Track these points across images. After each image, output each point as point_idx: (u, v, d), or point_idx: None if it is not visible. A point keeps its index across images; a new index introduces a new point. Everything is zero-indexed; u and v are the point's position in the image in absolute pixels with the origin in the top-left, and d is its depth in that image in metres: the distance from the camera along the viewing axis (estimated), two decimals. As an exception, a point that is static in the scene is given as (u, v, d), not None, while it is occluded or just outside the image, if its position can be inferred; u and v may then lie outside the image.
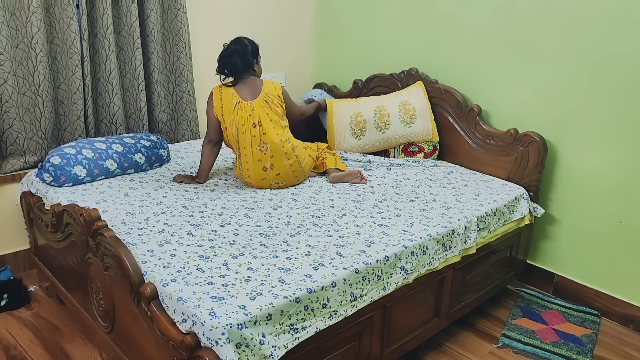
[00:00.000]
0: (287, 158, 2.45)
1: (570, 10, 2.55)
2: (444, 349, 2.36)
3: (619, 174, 2.52)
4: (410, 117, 2.91)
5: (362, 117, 2.90)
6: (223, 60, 2.44)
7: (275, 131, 2.43)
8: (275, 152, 2.42)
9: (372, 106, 2.97)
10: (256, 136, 2.41)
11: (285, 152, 2.44)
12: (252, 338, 1.48)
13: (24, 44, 2.57)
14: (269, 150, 2.42)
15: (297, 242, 1.93)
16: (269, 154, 2.42)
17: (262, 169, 2.43)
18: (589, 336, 2.46)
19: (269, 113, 2.43)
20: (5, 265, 2.74)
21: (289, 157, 2.45)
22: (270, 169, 2.43)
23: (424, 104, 2.96)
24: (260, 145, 2.42)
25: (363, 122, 2.90)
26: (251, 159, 2.43)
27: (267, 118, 2.42)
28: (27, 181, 2.53)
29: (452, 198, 2.45)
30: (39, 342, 2.28)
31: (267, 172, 2.43)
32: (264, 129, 2.41)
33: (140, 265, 1.71)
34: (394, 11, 3.30)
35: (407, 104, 2.92)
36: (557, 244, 2.80)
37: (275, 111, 2.46)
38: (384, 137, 2.93)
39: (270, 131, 2.42)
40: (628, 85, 2.42)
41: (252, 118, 2.41)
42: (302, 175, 2.54)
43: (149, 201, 2.26)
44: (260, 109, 2.42)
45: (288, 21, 3.67)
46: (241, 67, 2.43)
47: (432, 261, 2.07)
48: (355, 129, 2.86)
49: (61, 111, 2.79)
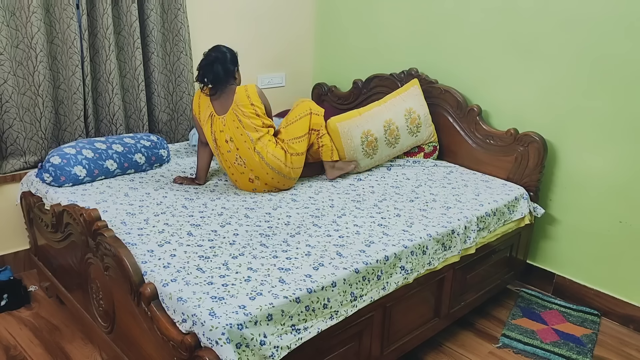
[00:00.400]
0: (265, 173, 2.38)
1: (570, 10, 2.54)
2: (444, 349, 2.36)
3: (619, 174, 2.52)
4: (417, 126, 2.89)
5: (373, 136, 2.75)
6: (204, 68, 2.38)
7: (246, 145, 2.36)
8: (254, 167, 2.38)
9: (380, 121, 2.82)
10: (231, 151, 2.39)
11: (261, 168, 2.37)
12: (252, 338, 1.48)
13: (24, 44, 2.57)
14: (247, 165, 2.38)
15: (297, 242, 1.93)
16: (248, 167, 2.38)
17: (248, 180, 2.42)
18: (589, 336, 2.46)
19: (239, 127, 2.36)
20: (5, 265, 2.73)
21: (266, 171, 2.38)
22: (257, 179, 2.40)
23: (424, 107, 2.94)
24: (237, 160, 2.39)
25: (375, 141, 2.76)
26: (235, 171, 2.42)
27: (237, 133, 2.36)
28: (27, 181, 2.53)
29: (452, 198, 2.45)
30: (39, 342, 2.28)
31: (254, 183, 2.41)
32: (236, 144, 2.37)
33: (140, 265, 1.71)
34: (394, 11, 3.30)
35: (412, 112, 2.88)
36: (557, 244, 2.80)
37: (246, 123, 2.36)
38: (394, 151, 2.86)
39: (242, 146, 2.36)
40: (628, 85, 2.42)
41: (224, 134, 2.38)
42: (290, 181, 2.46)
43: (149, 201, 2.26)
44: (231, 124, 2.36)
45: (288, 21, 3.66)
46: (223, 75, 2.37)
47: (432, 261, 2.07)
48: (367, 149, 2.72)
49: (61, 111, 2.79)
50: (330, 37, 3.75)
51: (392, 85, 3.26)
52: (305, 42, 3.83)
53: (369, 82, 3.40)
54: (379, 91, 3.33)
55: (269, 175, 2.39)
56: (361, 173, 2.76)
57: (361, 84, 3.46)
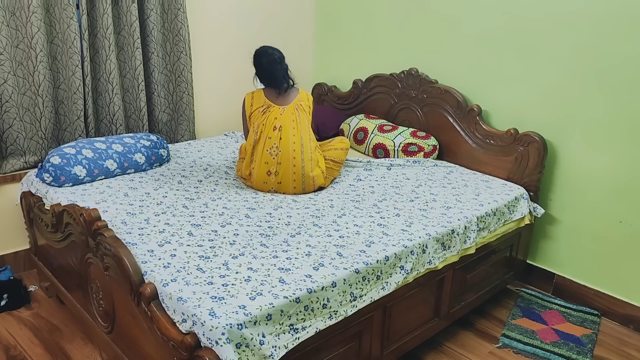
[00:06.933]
0: (292, 172, 2.40)
1: (570, 10, 2.54)
2: (444, 349, 2.36)
3: (619, 173, 2.52)
4: None
5: None
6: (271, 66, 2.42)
7: (293, 139, 2.39)
8: (284, 160, 2.38)
9: None
10: (272, 138, 2.39)
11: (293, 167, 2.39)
12: (252, 338, 1.48)
13: (24, 44, 2.57)
14: (278, 156, 2.39)
15: (297, 242, 1.93)
16: (277, 159, 2.39)
17: (266, 173, 2.41)
18: (589, 336, 2.46)
19: (295, 120, 2.41)
20: (5, 265, 2.73)
21: (294, 171, 2.40)
22: (275, 175, 2.40)
23: None
24: (271, 149, 2.39)
25: None
26: (259, 159, 2.42)
27: (291, 126, 2.40)
28: (27, 181, 2.53)
29: (452, 198, 2.45)
30: (39, 342, 2.28)
31: (270, 177, 2.41)
32: (283, 134, 2.38)
33: (140, 265, 1.71)
34: (394, 11, 3.30)
35: None
36: (557, 244, 2.80)
37: (303, 121, 2.43)
38: None
39: (289, 139, 2.39)
40: (628, 85, 2.42)
41: (277, 121, 2.39)
42: (302, 189, 2.45)
43: (149, 201, 2.26)
44: (289, 115, 2.41)
45: (288, 21, 3.66)
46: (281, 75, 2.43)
47: (432, 260, 2.07)
48: None
49: (61, 111, 2.79)
50: (330, 37, 3.75)
51: (392, 85, 3.26)
52: (305, 42, 3.83)
53: (369, 82, 3.40)
54: (379, 91, 3.34)
55: (294, 175, 2.40)
56: (361, 173, 2.76)
57: (361, 84, 3.46)
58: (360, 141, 3.22)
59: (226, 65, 3.40)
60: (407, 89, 3.21)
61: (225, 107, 3.47)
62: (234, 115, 3.40)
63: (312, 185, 2.44)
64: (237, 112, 3.03)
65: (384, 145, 3.08)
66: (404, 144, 3.03)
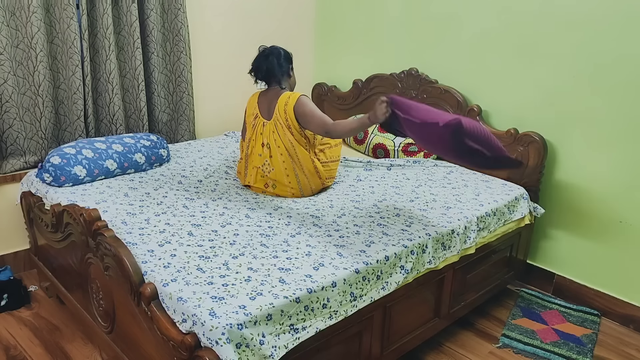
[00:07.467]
0: (290, 187, 2.37)
1: (570, 10, 2.54)
2: (444, 349, 2.36)
3: (619, 174, 2.52)
4: None
5: None
6: (259, 59, 2.37)
7: (282, 158, 2.33)
8: (278, 177, 2.36)
9: None
10: (262, 155, 2.37)
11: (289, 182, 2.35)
12: (252, 338, 1.48)
13: (24, 44, 2.57)
14: (271, 173, 2.37)
15: (297, 242, 1.93)
16: (271, 175, 2.37)
17: (263, 185, 2.41)
18: (589, 336, 2.46)
19: (277, 140, 2.33)
20: (5, 265, 2.73)
21: (292, 185, 2.36)
22: (272, 187, 2.40)
23: None
24: (264, 166, 2.38)
25: None
26: (254, 173, 2.41)
27: (275, 144, 2.34)
28: (27, 181, 2.53)
29: (452, 198, 2.45)
30: (39, 342, 2.28)
31: (267, 188, 2.40)
32: (271, 152, 2.35)
33: (140, 265, 1.71)
34: (394, 11, 3.30)
35: None
36: (557, 244, 2.80)
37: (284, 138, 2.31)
38: None
39: (277, 158, 2.34)
40: (628, 85, 2.42)
41: (263, 137, 2.37)
42: (301, 196, 2.42)
43: (149, 201, 2.26)
44: (270, 134, 2.35)
45: (288, 21, 3.66)
46: (277, 69, 2.35)
47: (433, 260, 2.07)
48: None
49: (61, 111, 2.79)
50: (330, 37, 3.75)
51: (392, 86, 3.26)
52: (305, 42, 3.83)
53: (369, 82, 3.40)
54: (379, 91, 3.33)
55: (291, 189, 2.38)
56: (361, 173, 2.76)
57: (361, 84, 3.46)
58: (360, 141, 3.22)
59: (226, 65, 3.40)
60: (407, 89, 3.21)
61: (225, 107, 3.47)
62: (234, 115, 3.40)
63: (311, 192, 2.43)
64: (237, 112, 3.03)
65: (383, 145, 3.08)
66: (404, 144, 3.03)
